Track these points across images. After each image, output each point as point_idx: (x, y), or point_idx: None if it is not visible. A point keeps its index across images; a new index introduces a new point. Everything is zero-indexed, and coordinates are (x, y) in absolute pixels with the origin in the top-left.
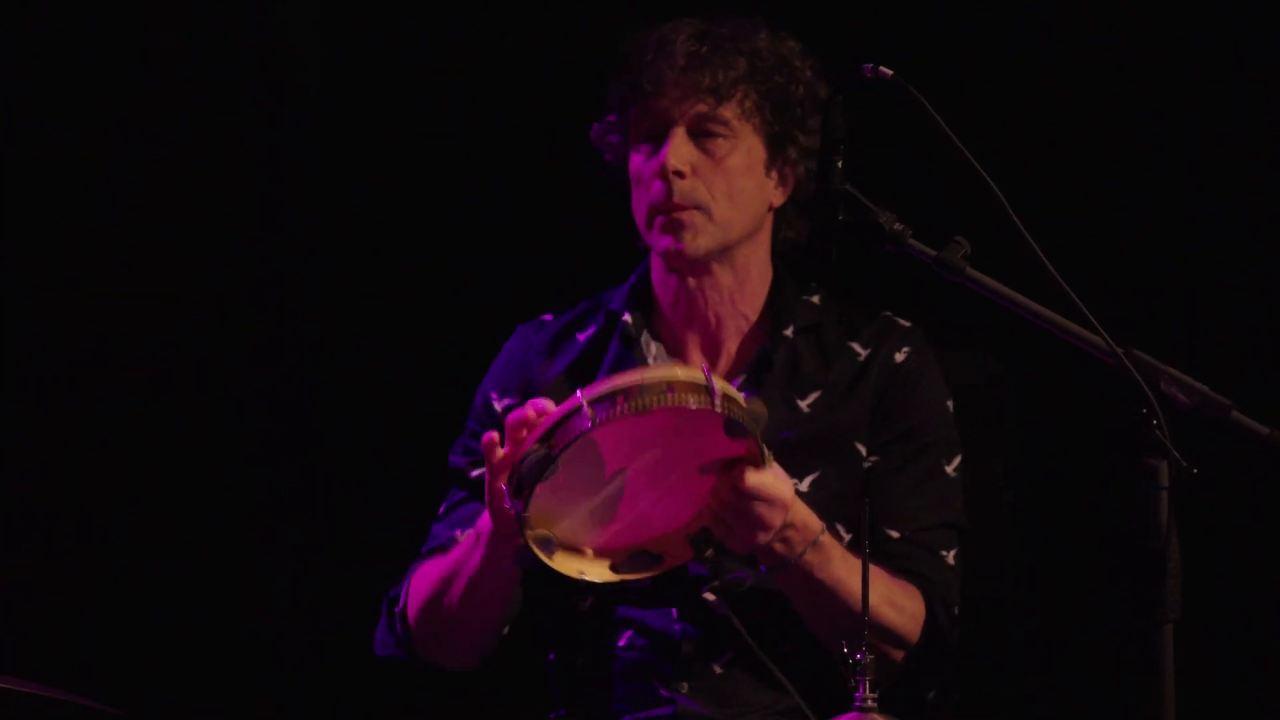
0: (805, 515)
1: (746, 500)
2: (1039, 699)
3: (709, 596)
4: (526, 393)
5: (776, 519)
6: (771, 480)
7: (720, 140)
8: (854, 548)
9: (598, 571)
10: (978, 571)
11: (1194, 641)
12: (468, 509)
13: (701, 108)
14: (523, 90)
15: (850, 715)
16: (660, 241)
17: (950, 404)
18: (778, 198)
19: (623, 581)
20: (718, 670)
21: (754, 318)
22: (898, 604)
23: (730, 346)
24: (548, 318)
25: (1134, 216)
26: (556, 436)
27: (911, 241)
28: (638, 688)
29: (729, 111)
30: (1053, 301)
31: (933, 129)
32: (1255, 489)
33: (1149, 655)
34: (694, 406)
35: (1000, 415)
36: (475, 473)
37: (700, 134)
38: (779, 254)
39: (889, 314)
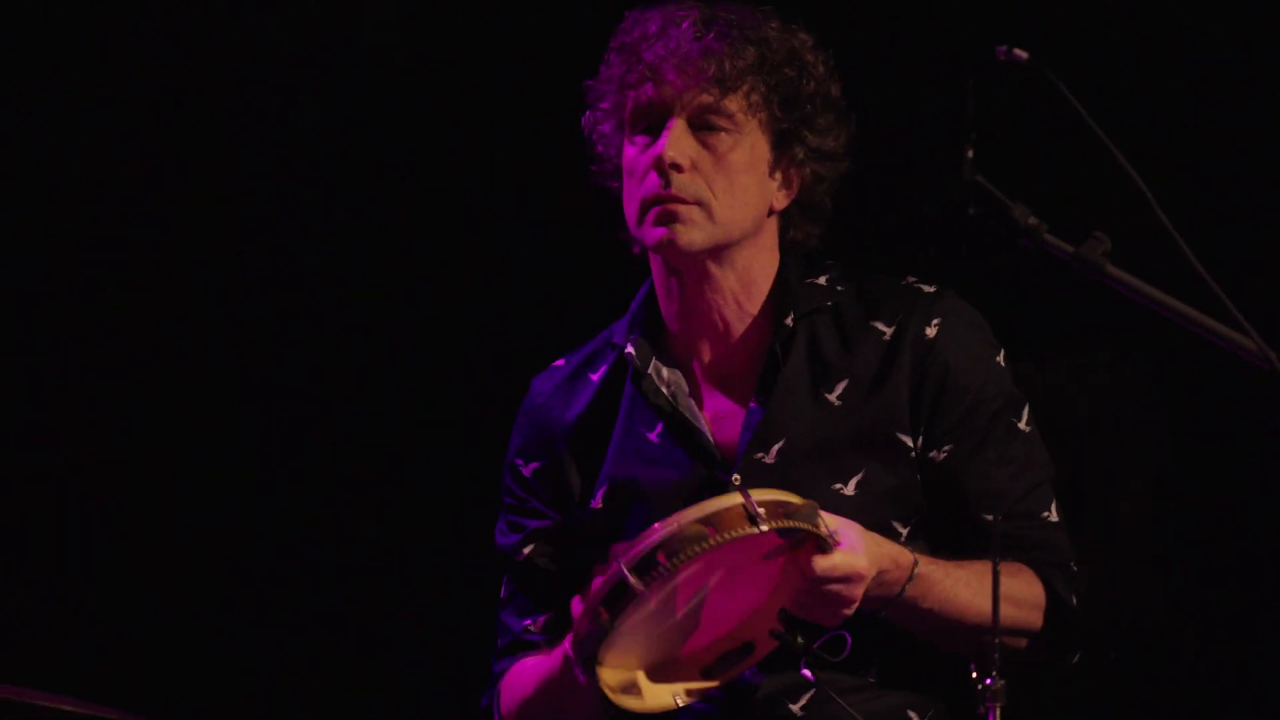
0: (894, 554)
1: (820, 585)
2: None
3: (806, 673)
4: (549, 447)
5: (856, 591)
6: (841, 560)
7: (723, 134)
8: (928, 542)
9: (694, 687)
10: (1120, 594)
11: None
12: (523, 599)
13: (705, 98)
14: (535, 101)
15: None
16: (652, 234)
17: (1001, 356)
18: (781, 200)
19: (723, 683)
20: (795, 710)
21: (758, 314)
22: (1015, 598)
23: (742, 351)
24: (559, 363)
25: None
26: (606, 608)
27: (1048, 237)
28: None
29: (734, 104)
30: (1199, 301)
31: (1067, 115)
32: None
33: None
34: (739, 536)
35: (1142, 418)
36: (525, 551)
37: (702, 127)
38: (786, 249)
39: (910, 281)
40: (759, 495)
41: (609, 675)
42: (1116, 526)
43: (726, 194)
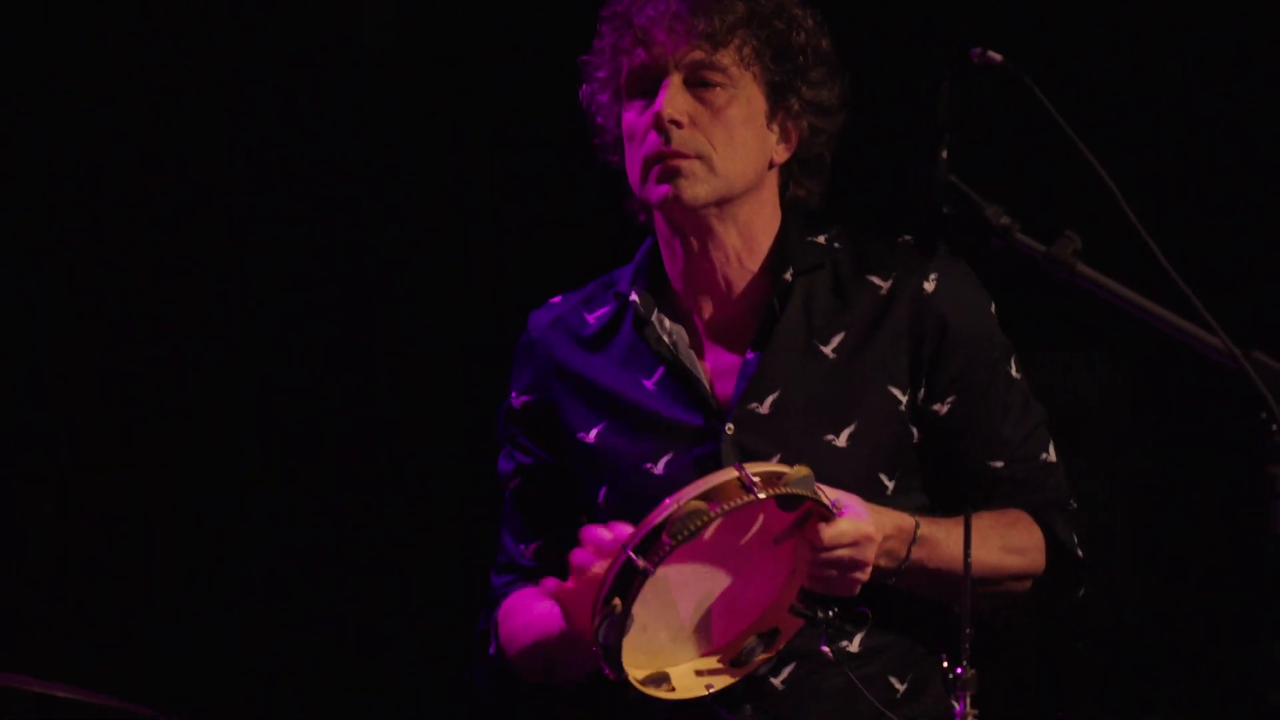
0: (896, 520)
1: (831, 553)
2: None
3: (826, 650)
4: (541, 382)
5: (869, 554)
6: (847, 525)
7: (718, 89)
8: (911, 495)
9: (721, 676)
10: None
11: None
12: (516, 521)
13: (697, 54)
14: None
15: None
16: (655, 191)
17: (993, 307)
18: (780, 153)
19: (751, 671)
20: (778, 685)
21: (758, 270)
22: (1014, 546)
23: (741, 306)
24: (555, 300)
25: (1256, 209)
26: (617, 594)
27: (1019, 236)
28: (699, 713)
29: (726, 58)
30: (1168, 300)
31: (1040, 117)
32: None
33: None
34: (738, 505)
35: (1117, 416)
36: (515, 483)
37: (697, 83)
38: (788, 208)
39: (908, 238)
40: (753, 468)
41: (636, 670)
42: (1090, 522)
43: (726, 146)
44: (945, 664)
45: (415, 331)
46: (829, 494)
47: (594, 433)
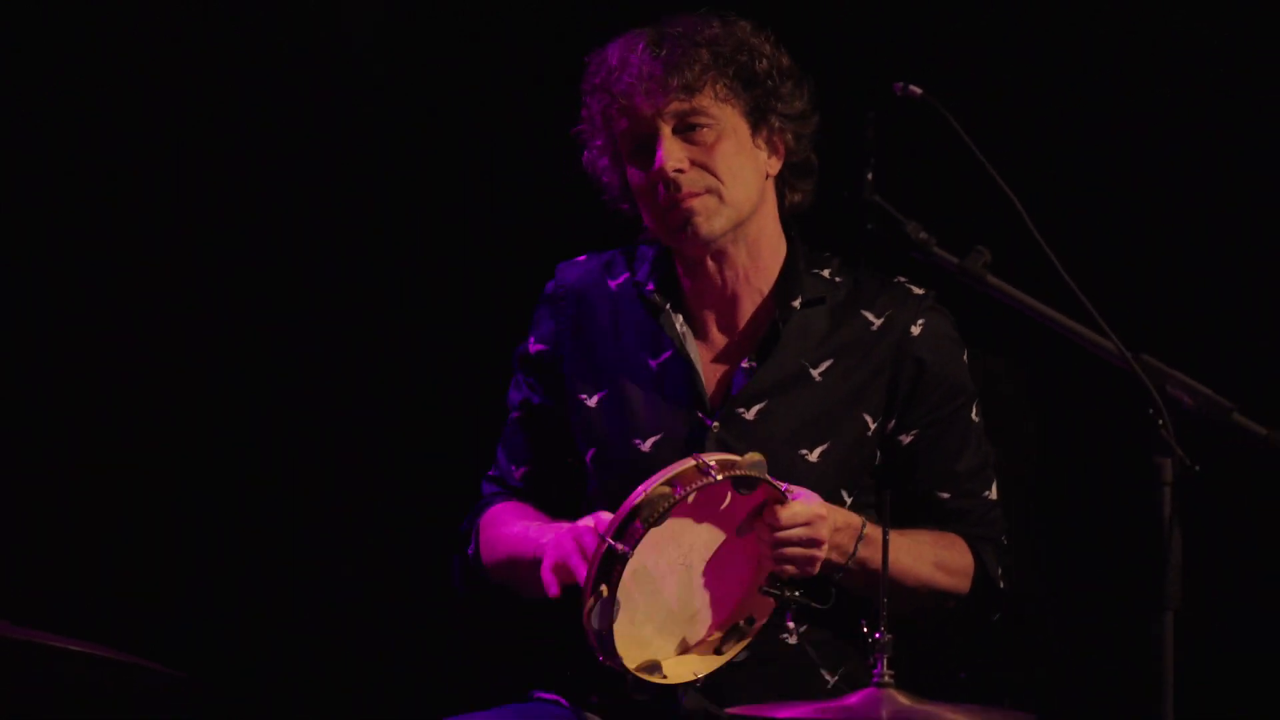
0: (845, 516)
1: (787, 532)
2: (1047, 681)
3: (791, 625)
4: (556, 335)
5: (823, 531)
6: (800, 507)
7: (705, 130)
8: (865, 510)
9: (705, 662)
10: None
11: (1192, 628)
12: (516, 442)
13: (678, 106)
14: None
15: (868, 690)
16: (677, 238)
17: (965, 354)
18: (773, 166)
19: (731, 660)
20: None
21: (767, 291)
22: (946, 565)
23: (745, 321)
24: (582, 259)
25: (1140, 229)
26: (603, 581)
27: (936, 250)
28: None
29: (705, 101)
30: (1067, 307)
31: (955, 143)
32: (1254, 486)
33: (1152, 641)
34: (699, 486)
35: (1015, 413)
36: (518, 414)
37: (686, 129)
38: (790, 223)
39: (902, 280)
40: (709, 456)
41: (629, 659)
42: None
43: (728, 175)
44: (865, 629)
45: (407, 326)
46: (782, 484)
47: (595, 399)
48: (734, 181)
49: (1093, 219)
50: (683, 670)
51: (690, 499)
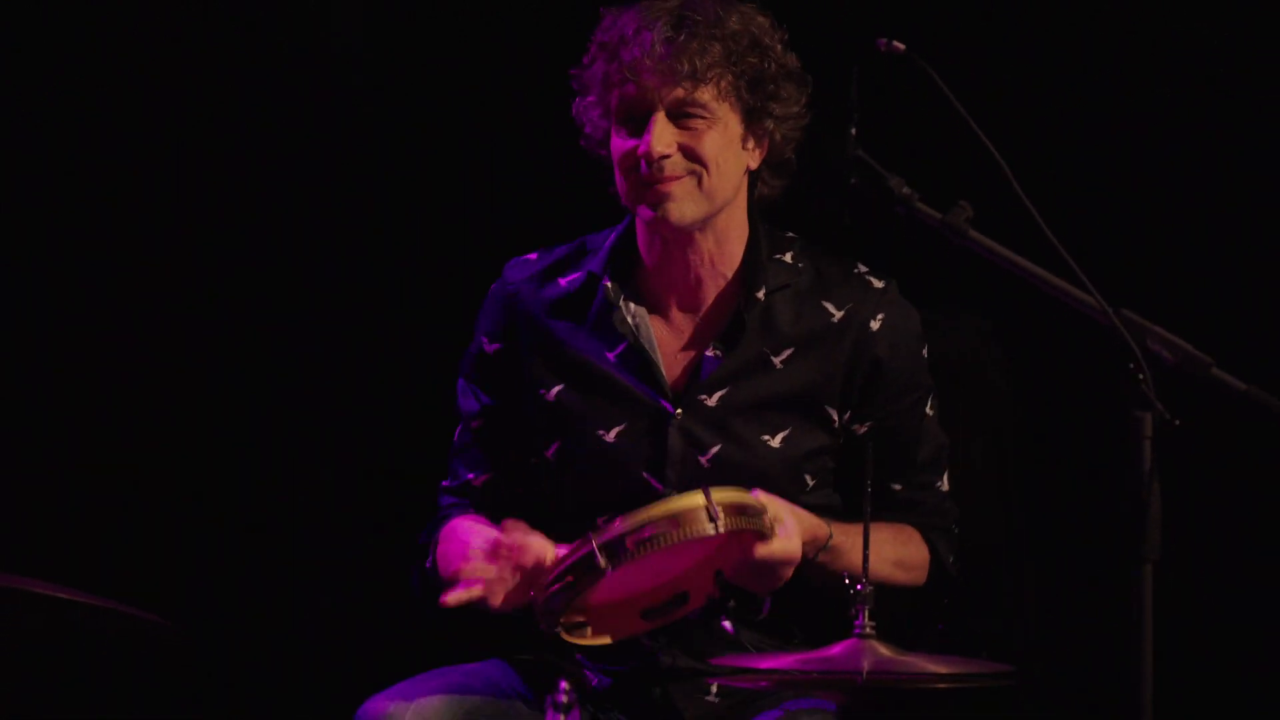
0: (815, 528)
1: (759, 565)
2: (1025, 633)
3: (726, 625)
4: (511, 332)
5: (788, 572)
6: (779, 547)
7: (699, 120)
8: (843, 501)
9: (633, 627)
10: (970, 515)
11: (1171, 580)
12: (473, 453)
13: (679, 93)
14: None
15: (850, 641)
16: (647, 213)
17: (925, 349)
18: (754, 161)
19: (653, 627)
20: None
21: (730, 276)
22: (904, 562)
23: (708, 306)
24: (531, 257)
25: (1119, 185)
26: (572, 575)
27: (919, 205)
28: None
29: (706, 95)
30: (1048, 263)
31: (938, 99)
32: (1232, 440)
33: (1130, 593)
34: (698, 535)
35: (990, 370)
36: (478, 422)
37: (680, 116)
38: (757, 210)
39: (862, 270)
40: (719, 495)
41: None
42: (968, 465)
43: (713, 166)
44: (847, 580)
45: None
46: (771, 507)
47: (554, 391)
48: (716, 172)
49: (1073, 175)
50: (605, 632)
51: (686, 541)
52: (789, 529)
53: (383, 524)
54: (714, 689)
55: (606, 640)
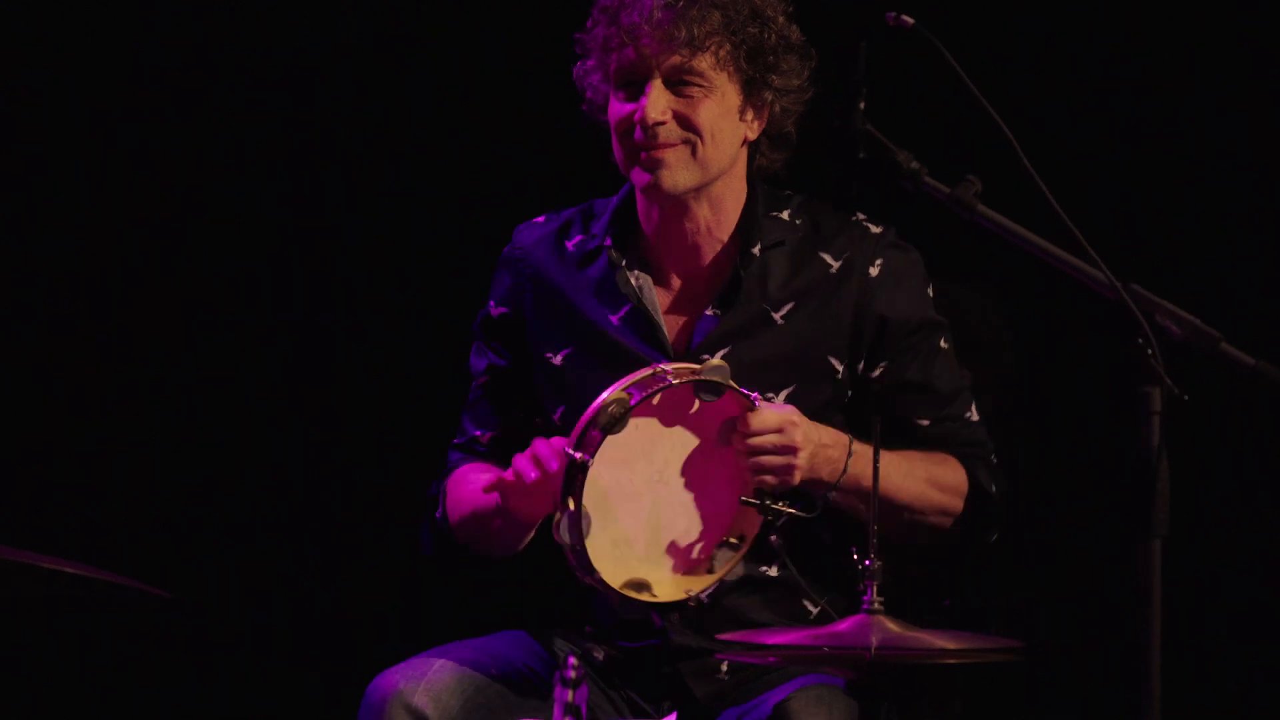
0: (833, 432)
1: (760, 438)
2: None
3: (774, 539)
4: (519, 296)
5: (797, 436)
6: (770, 412)
7: (696, 89)
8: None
9: (697, 581)
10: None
11: (1180, 556)
12: (481, 409)
13: (677, 60)
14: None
15: (858, 616)
16: (640, 178)
17: (930, 288)
18: (753, 132)
19: (722, 578)
20: (703, 599)
21: (726, 238)
22: (940, 482)
23: (706, 267)
24: (539, 220)
25: (1128, 159)
26: (569, 494)
27: (927, 179)
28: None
29: (704, 63)
30: (1055, 237)
31: (946, 73)
32: (1241, 415)
33: (1139, 568)
34: (655, 391)
35: (996, 344)
36: (485, 379)
37: (677, 83)
38: (756, 178)
39: (860, 218)
40: (669, 365)
41: (613, 577)
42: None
43: (708, 135)
44: (855, 556)
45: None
46: (751, 392)
47: (560, 356)
48: (711, 141)
49: (1081, 148)
50: (674, 589)
51: (654, 401)
52: (777, 403)
53: (394, 496)
54: (724, 666)
55: (679, 597)
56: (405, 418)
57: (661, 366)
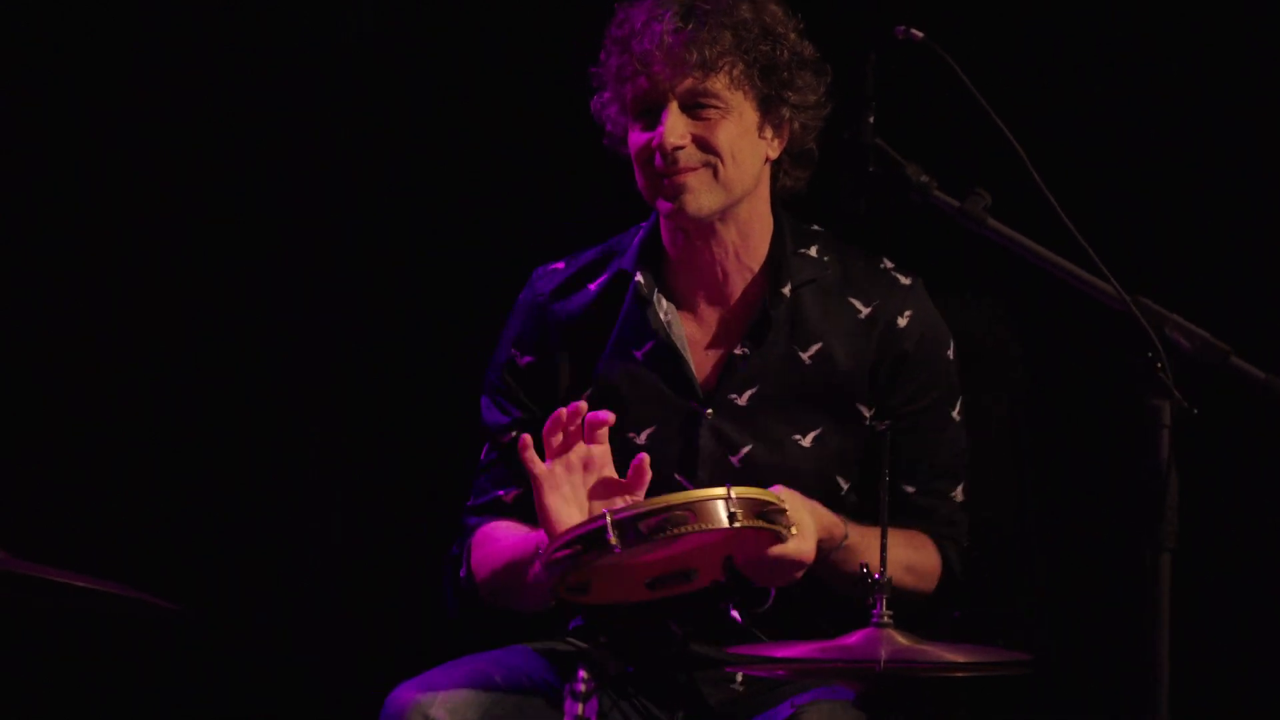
0: (831, 526)
1: (771, 563)
2: (1043, 622)
3: (735, 615)
4: (544, 343)
5: (799, 573)
6: (794, 549)
7: (713, 110)
8: (860, 499)
9: (633, 592)
10: (984, 501)
11: (1188, 570)
12: (502, 469)
13: (690, 83)
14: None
15: (867, 630)
16: (665, 206)
17: (952, 349)
18: (774, 150)
19: (656, 598)
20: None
21: (756, 269)
22: (916, 568)
23: (735, 300)
24: (559, 265)
25: (1136, 172)
26: (583, 546)
27: (936, 193)
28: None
29: (718, 84)
30: (1065, 250)
31: (955, 87)
32: (1251, 429)
33: (1148, 582)
34: (713, 529)
35: (1005, 357)
36: (510, 435)
37: (693, 106)
38: (780, 203)
39: (888, 266)
40: (740, 492)
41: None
42: (983, 453)
43: (728, 156)
44: (865, 569)
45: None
46: (789, 502)
47: (586, 395)
48: (732, 162)
49: (1090, 162)
50: (610, 594)
51: (702, 533)
52: (805, 531)
53: (410, 510)
54: (739, 678)
55: (613, 602)
56: (419, 432)
57: (732, 498)
